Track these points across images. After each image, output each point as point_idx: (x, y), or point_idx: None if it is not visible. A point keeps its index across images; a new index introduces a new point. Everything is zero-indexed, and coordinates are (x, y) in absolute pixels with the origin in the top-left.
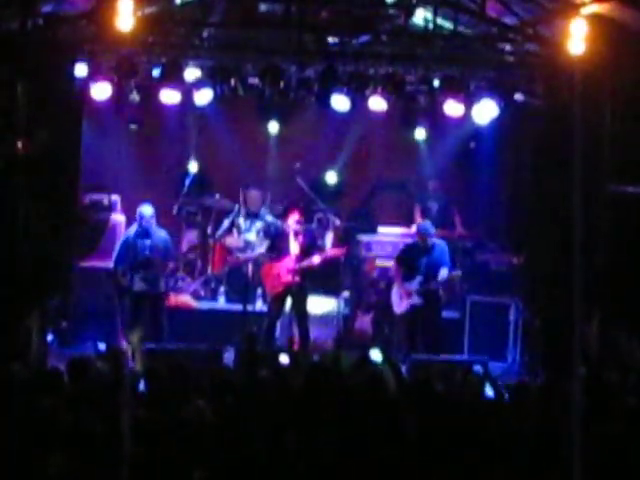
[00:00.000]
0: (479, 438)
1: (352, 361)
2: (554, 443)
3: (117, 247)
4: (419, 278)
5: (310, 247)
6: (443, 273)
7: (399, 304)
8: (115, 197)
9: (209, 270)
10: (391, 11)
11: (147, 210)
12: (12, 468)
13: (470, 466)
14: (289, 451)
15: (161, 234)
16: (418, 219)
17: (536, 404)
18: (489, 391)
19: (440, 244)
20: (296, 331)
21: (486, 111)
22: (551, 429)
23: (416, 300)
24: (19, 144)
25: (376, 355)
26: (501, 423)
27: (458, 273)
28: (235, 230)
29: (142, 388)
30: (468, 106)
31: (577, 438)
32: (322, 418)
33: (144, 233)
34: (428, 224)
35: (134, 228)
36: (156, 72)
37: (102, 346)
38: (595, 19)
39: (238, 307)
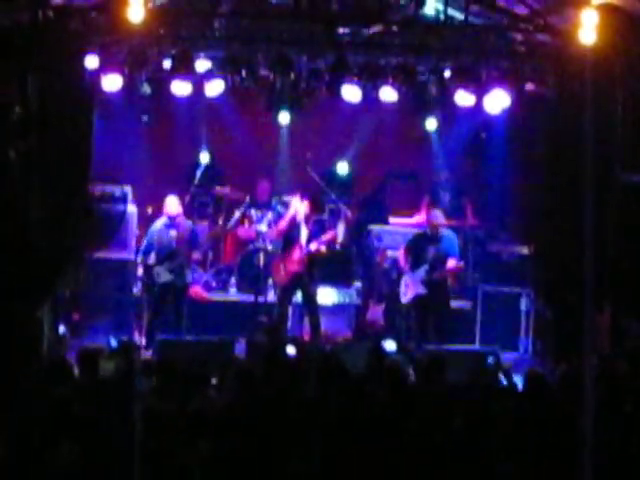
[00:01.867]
0: (492, 426)
1: (365, 351)
2: (567, 431)
3: (145, 238)
4: (425, 267)
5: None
6: (450, 264)
7: (405, 293)
8: (126, 188)
9: (221, 261)
10: (402, 1)
11: (172, 201)
12: (24, 457)
13: (484, 454)
14: (302, 443)
15: (187, 224)
16: (424, 210)
17: (549, 393)
18: (502, 381)
19: (449, 235)
20: (307, 322)
21: (497, 101)
22: (563, 417)
23: (421, 290)
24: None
25: (390, 345)
26: (514, 412)
27: (460, 264)
28: (247, 221)
29: (154, 379)
30: (479, 96)
31: (588, 426)
32: (336, 410)
33: (170, 224)
34: (439, 214)
35: (162, 220)
36: (167, 63)
37: (114, 342)
38: (606, 9)
39: (250, 298)
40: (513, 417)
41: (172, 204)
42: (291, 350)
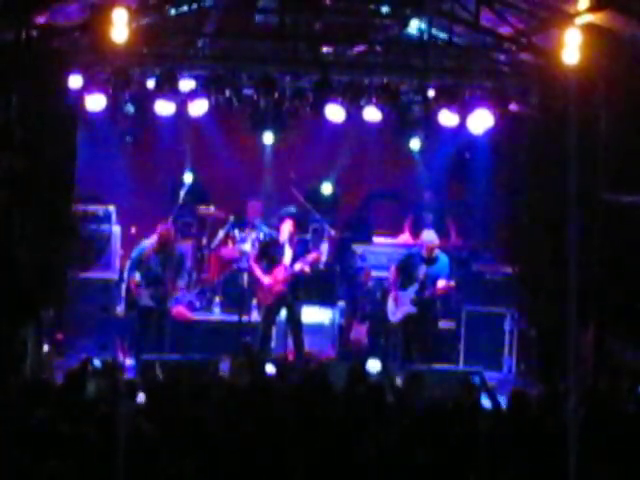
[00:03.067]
0: (477, 448)
1: (347, 371)
2: (550, 450)
3: (132, 257)
4: (415, 287)
5: (302, 257)
6: (440, 284)
7: (394, 312)
8: (110, 208)
9: (204, 281)
10: (386, 21)
11: (168, 225)
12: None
13: (467, 476)
14: (289, 462)
15: (178, 251)
16: (407, 230)
17: (533, 413)
18: (486, 401)
19: (442, 257)
20: (291, 341)
21: (481, 121)
22: (547, 437)
23: (411, 309)
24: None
25: (374, 365)
26: (498, 431)
27: (451, 283)
28: (230, 241)
29: (140, 399)
30: (463, 116)
31: (573, 445)
32: (318, 428)
33: (160, 249)
34: (433, 235)
35: (153, 241)
36: (151, 83)
37: (97, 362)
38: (589, 28)
39: (233, 317)
40: (496, 436)
41: (168, 229)
42: (270, 369)
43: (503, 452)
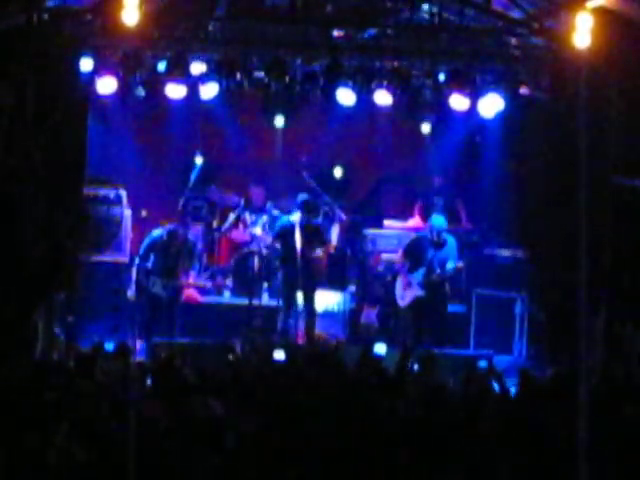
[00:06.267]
0: (484, 432)
1: (357, 354)
2: (560, 433)
3: (143, 246)
4: (423, 270)
5: (314, 241)
6: (449, 266)
7: (402, 296)
8: (121, 191)
9: (215, 264)
10: (397, 5)
11: (174, 225)
12: (17, 460)
13: (475, 460)
14: (296, 446)
15: (191, 240)
16: (417, 214)
17: (541, 394)
18: (494, 386)
19: (449, 239)
20: (302, 325)
21: (492, 105)
22: (557, 422)
23: (419, 292)
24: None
25: (381, 349)
26: (506, 415)
27: (460, 264)
28: (241, 224)
29: (150, 383)
30: (474, 100)
31: (583, 431)
32: (328, 412)
33: (175, 236)
34: (441, 219)
35: (161, 232)
36: (162, 66)
37: (109, 346)
38: (601, 12)
39: (244, 301)
40: (504, 420)
41: (175, 230)
42: (280, 355)
43: (509, 436)
